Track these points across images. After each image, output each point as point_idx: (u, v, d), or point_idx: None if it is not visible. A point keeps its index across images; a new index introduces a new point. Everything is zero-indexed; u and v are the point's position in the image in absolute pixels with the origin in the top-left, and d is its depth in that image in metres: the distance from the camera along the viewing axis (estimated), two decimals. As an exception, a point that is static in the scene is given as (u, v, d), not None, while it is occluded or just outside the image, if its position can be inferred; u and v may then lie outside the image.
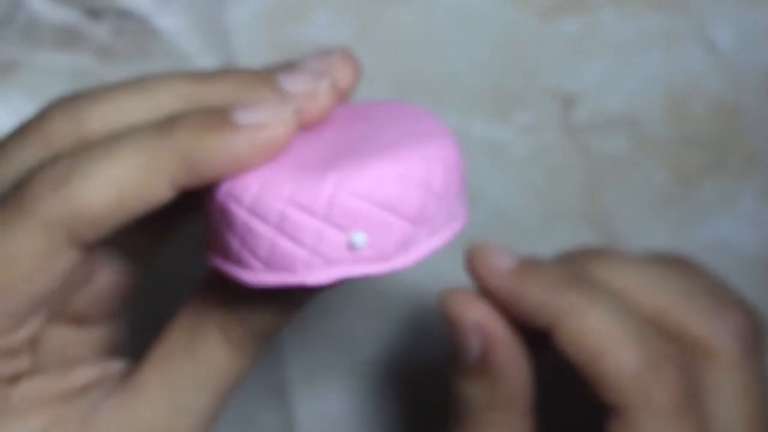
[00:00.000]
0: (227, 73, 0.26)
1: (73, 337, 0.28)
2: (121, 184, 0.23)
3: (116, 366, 0.28)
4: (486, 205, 0.38)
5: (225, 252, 0.25)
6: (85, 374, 0.27)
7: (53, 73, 0.36)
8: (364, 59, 0.36)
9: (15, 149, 0.25)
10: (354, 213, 0.23)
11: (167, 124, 0.24)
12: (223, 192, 0.24)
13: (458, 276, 0.31)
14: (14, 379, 0.26)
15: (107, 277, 0.28)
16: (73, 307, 0.27)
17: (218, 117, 0.24)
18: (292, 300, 0.26)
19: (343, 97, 0.26)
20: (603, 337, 0.28)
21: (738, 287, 0.41)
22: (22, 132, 0.25)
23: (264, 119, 0.24)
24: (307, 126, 0.26)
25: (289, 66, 0.27)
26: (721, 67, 0.37)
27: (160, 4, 0.35)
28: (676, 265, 0.32)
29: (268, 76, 0.26)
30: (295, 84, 0.26)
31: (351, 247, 0.23)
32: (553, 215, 0.39)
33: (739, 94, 0.37)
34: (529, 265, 0.30)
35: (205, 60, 0.36)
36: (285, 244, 0.23)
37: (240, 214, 0.24)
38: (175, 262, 0.35)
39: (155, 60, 0.36)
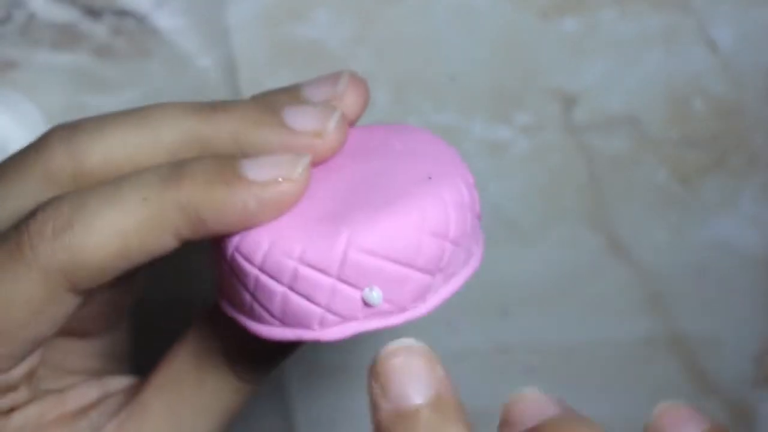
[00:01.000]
0: (231, 106, 0.25)
1: (71, 348, 0.28)
2: (125, 235, 0.23)
3: (116, 383, 0.27)
4: (486, 205, 0.38)
5: (238, 303, 0.24)
6: (84, 395, 0.27)
7: (52, 72, 0.35)
8: (364, 59, 0.36)
9: (13, 181, 0.24)
10: (368, 269, 0.22)
11: (174, 173, 0.23)
12: (233, 248, 0.23)
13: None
14: (11, 410, 0.25)
15: (107, 293, 0.27)
16: (72, 323, 0.27)
17: (227, 169, 0.23)
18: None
19: (350, 121, 0.25)
20: None
21: (738, 286, 0.41)
22: (21, 163, 0.25)
23: (275, 175, 0.23)
24: (314, 163, 0.24)
25: (294, 93, 0.26)
26: (722, 66, 0.37)
27: (159, 3, 0.35)
28: None
29: (274, 111, 0.25)
30: (302, 121, 0.24)
31: (366, 303, 0.23)
32: (553, 215, 0.39)
33: (740, 94, 0.37)
34: None
35: (205, 59, 0.36)
36: (299, 302, 0.23)
37: (251, 271, 0.23)
38: (177, 268, 0.35)
39: (154, 59, 0.36)
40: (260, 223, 0.23)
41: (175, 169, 0.23)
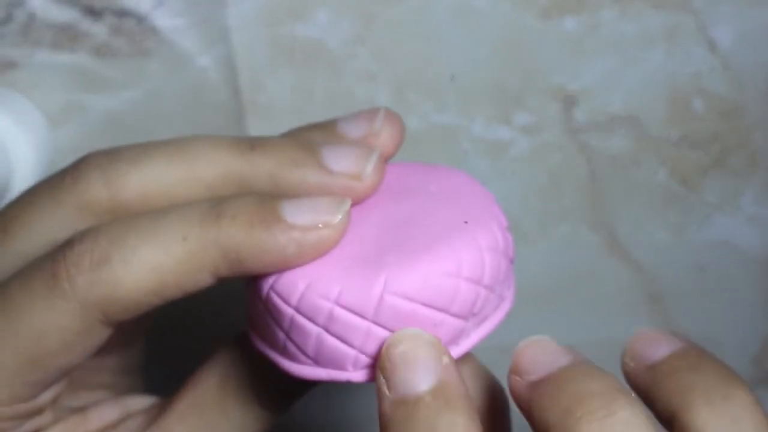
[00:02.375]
0: (269, 144, 0.24)
1: (88, 365, 0.28)
2: (162, 271, 0.23)
3: (136, 403, 0.27)
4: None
5: (270, 340, 0.24)
6: (105, 415, 0.27)
7: (52, 72, 0.35)
8: (364, 59, 0.36)
9: (48, 208, 0.24)
10: (403, 313, 0.22)
11: (214, 211, 0.23)
12: (269, 287, 0.23)
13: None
14: None
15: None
16: None
17: (267, 211, 0.23)
18: None
19: (386, 157, 0.25)
20: None
21: (738, 286, 0.41)
22: (56, 189, 0.24)
23: (316, 220, 0.23)
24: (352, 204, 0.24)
25: (330, 130, 0.26)
26: (722, 66, 0.37)
27: (159, 3, 0.35)
28: None
29: (312, 151, 0.24)
30: (340, 162, 0.24)
31: None
32: (553, 215, 0.39)
33: (741, 93, 0.37)
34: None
35: (205, 59, 0.36)
36: (333, 343, 0.23)
37: (287, 311, 0.23)
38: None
39: (154, 59, 0.36)
40: (296, 265, 0.23)
41: (216, 207, 0.23)
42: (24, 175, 0.34)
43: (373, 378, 0.22)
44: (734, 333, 0.42)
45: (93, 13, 0.35)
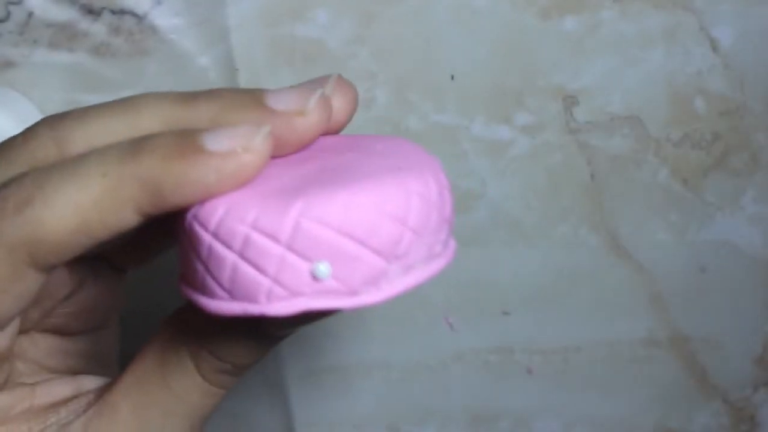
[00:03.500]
0: (213, 93, 0.25)
1: (55, 347, 0.27)
2: (83, 209, 0.22)
3: (91, 382, 0.27)
4: (486, 205, 0.38)
5: (192, 279, 0.24)
6: (55, 391, 0.26)
7: (51, 71, 0.35)
8: (364, 59, 0.36)
9: (1, 167, 0.24)
10: (319, 241, 0.22)
11: (134, 147, 0.23)
12: (191, 215, 0.23)
13: (458, 276, 0.31)
14: None
15: (91, 291, 0.27)
16: (54, 319, 0.27)
17: (187, 142, 0.22)
18: (265, 334, 0.25)
19: (336, 125, 0.25)
20: None
21: (740, 286, 0.41)
22: (8, 149, 0.25)
23: (234, 146, 0.22)
24: (294, 147, 0.24)
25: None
26: (723, 65, 0.37)
27: (158, 2, 0.35)
28: None
29: (255, 95, 0.24)
30: (282, 101, 0.24)
31: (315, 277, 0.22)
32: (554, 215, 0.39)
33: (742, 93, 0.37)
34: None
35: (204, 59, 0.36)
36: (247, 271, 0.22)
37: (205, 237, 0.23)
38: (166, 268, 0.35)
39: (153, 58, 0.35)
40: (220, 194, 0.23)
41: (135, 143, 0.23)
42: (23, 175, 0.34)
43: (287, 312, 0.22)
44: (736, 333, 0.42)
45: (92, 12, 0.35)
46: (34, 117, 0.35)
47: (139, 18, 0.35)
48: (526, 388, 0.42)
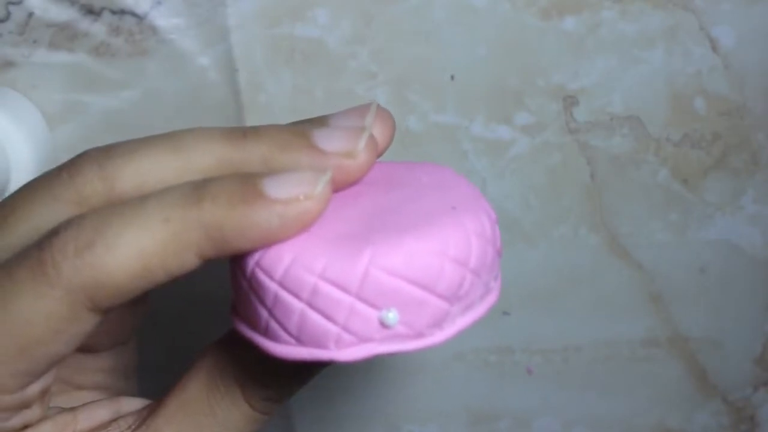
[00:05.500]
0: (261, 131, 0.25)
1: (81, 364, 0.27)
2: (147, 255, 0.22)
3: (129, 405, 0.27)
4: (486, 204, 0.38)
5: (253, 321, 0.24)
6: (98, 415, 0.26)
7: (51, 71, 0.35)
8: (364, 59, 0.36)
9: (45, 203, 0.24)
10: (388, 289, 0.22)
11: (196, 192, 0.23)
12: (254, 262, 0.23)
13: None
14: (24, 428, 0.25)
15: (118, 312, 0.27)
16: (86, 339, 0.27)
17: (249, 188, 0.23)
18: (314, 367, 0.26)
19: (379, 155, 0.25)
20: None
21: (740, 286, 0.41)
22: (53, 183, 0.24)
23: (296, 193, 0.22)
24: (344, 186, 0.25)
25: (322, 121, 0.25)
26: (723, 65, 0.37)
27: (158, 2, 0.35)
28: None
29: (303, 134, 0.24)
30: (332, 142, 0.24)
31: (383, 324, 0.22)
32: (553, 215, 0.39)
33: (742, 93, 0.37)
34: None
35: (204, 59, 0.36)
36: (316, 319, 0.22)
37: (271, 286, 0.23)
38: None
39: (153, 58, 0.35)
40: (282, 240, 0.23)
41: (197, 188, 0.23)
42: (22, 175, 0.34)
43: (356, 358, 0.22)
44: (736, 333, 0.42)
45: (92, 12, 0.35)
46: (35, 117, 0.35)
47: (139, 18, 0.35)
48: (526, 388, 0.42)
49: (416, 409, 0.42)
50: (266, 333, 0.23)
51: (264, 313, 0.23)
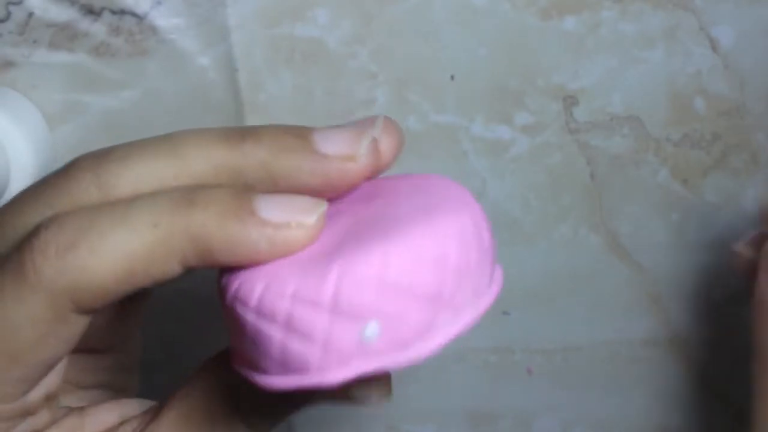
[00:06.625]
0: (261, 133, 0.24)
1: (83, 364, 0.27)
2: (132, 258, 0.22)
3: (134, 408, 0.27)
4: (486, 205, 0.38)
5: (240, 354, 0.23)
6: (104, 418, 0.26)
7: (51, 71, 0.35)
8: (364, 59, 0.36)
9: (38, 208, 0.24)
10: (362, 303, 0.21)
11: (187, 199, 0.22)
12: (231, 296, 0.22)
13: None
14: None
15: (116, 313, 0.27)
16: (89, 339, 0.26)
17: (242, 203, 0.22)
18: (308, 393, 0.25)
19: (382, 167, 0.24)
20: None
21: (740, 286, 0.41)
22: (49, 190, 0.24)
23: (289, 219, 0.22)
24: (340, 191, 0.24)
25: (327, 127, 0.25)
26: (723, 65, 0.37)
27: (158, 2, 0.35)
28: None
29: (303, 137, 0.24)
30: (333, 146, 0.23)
31: (363, 340, 0.21)
32: (553, 215, 0.39)
33: (742, 93, 0.37)
34: None
35: (204, 59, 0.36)
36: (295, 345, 0.21)
37: (248, 317, 0.22)
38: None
39: (153, 58, 0.35)
40: (266, 261, 0.22)
41: (189, 195, 0.22)
42: (22, 175, 0.34)
43: (340, 380, 0.21)
44: (736, 333, 0.42)
45: (92, 12, 0.35)
46: (34, 117, 0.35)
47: (139, 18, 0.35)
48: (526, 388, 0.42)
49: (415, 409, 0.42)
50: (252, 365, 0.23)
51: (247, 345, 0.22)
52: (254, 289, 0.22)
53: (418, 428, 0.43)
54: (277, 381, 0.22)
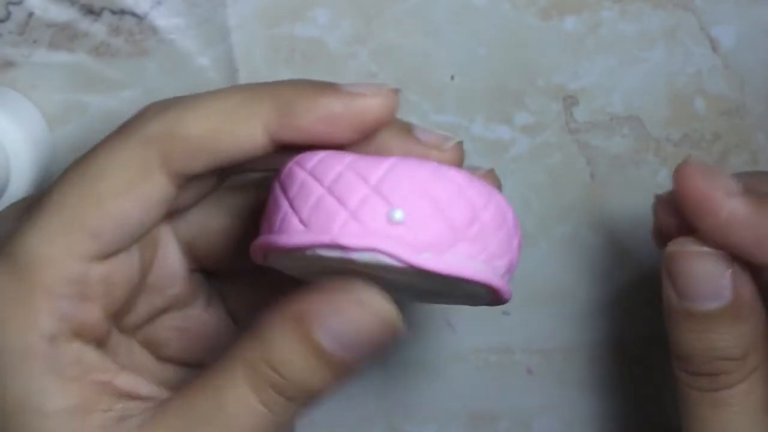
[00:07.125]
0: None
1: (145, 367, 0.28)
2: (218, 117, 0.25)
3: (162, 395, 0.27)
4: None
5: (269, 224, 0.25)
6: (136, 384, 0.26)
7: (51, 71, 0.35)
8: (364, 59, 0.36)
9: (117, 146, 0.26)
10: (401, 193, 0.24)
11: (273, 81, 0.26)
12: (294, 162, 0.25)
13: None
14: (76, 336, 0.25)
15: (201, 316, 0.29)
16: (157, 330, 0.28)
17: (324, 84, 0.26)
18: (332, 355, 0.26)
19: (393, 114, 0.27)
20: None
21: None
22: (123, 131, 0.26)
23: (365, 90, 0.25)
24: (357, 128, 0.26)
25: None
26: (723, 65, 0.37)
27: (158, 2, 0.35)
28: None
29: (406, 125, 0.27)
30: (428, 137, 0.27)
31: (390, 220, 0.24)
32: (554, 215, 0.39)
33: (742, 93, 0.37)
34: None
35: (204, 59, 0.36)
36: (330, 203, 0.24)
37: (300, 174, 0.25)
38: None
39: (153, 58, 0.35)
40: (341, 139, 0.25)
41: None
42: (22, 175, 0.34)
43: (355, 245, 0.23)
44: (735, 333, 0.42)
45: (92, 12, 0.35)
46: (35, 117, 0.35)
47: (139, 18, 0.35)
48: (526, 388, 0.42)
49: (416, 410, 0.42)
50: (279, 228, 0.25)
51: (284, 206, 0.25)
52: (317, 155, 0.25)
53: (418, 428, 0.43)
54: (295, 238, 0.24)
